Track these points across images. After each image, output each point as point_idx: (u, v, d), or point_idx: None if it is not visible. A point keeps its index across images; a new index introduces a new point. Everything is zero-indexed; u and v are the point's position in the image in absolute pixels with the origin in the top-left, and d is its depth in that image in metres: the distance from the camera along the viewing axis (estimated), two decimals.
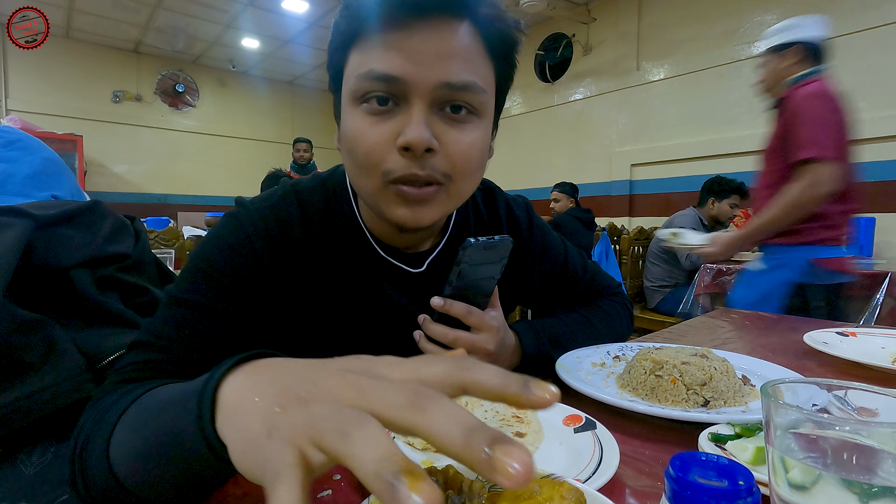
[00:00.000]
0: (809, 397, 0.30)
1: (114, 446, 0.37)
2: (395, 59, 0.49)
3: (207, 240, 0.58)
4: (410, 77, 0.49)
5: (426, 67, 0.49)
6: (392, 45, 0.49)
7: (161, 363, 0.50)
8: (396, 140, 0.50)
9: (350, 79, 0.52)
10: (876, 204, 3.28)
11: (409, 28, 0.49)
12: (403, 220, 0.54)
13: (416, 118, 0.49)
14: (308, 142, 4.90)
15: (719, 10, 4.06)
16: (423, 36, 0.49)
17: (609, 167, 4.90)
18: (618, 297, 0.86)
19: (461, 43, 0.50)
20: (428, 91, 0.49)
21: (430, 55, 0.49)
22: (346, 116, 0.54)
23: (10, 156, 0.67)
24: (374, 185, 0.53)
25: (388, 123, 0.51)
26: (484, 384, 0.22)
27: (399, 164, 0.51)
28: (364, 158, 0.52)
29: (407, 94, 0.50)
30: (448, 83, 0.50)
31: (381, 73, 0.49)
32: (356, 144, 0.52)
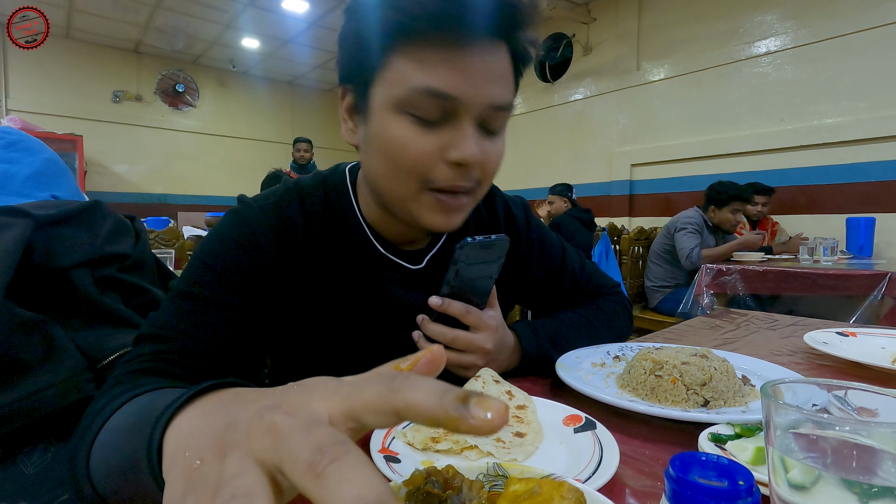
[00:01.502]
0: (809, 397, 0.30)
1: (93, 461, 0.37)
2: (454, 78, 0.50)
3: (211, 236, 0.59)
4: (466, 97, 0.50)
5: (479, 88, 0.51)
6: (451, 64, 0.49)
7: (167, 353, 0.50)
8: (443, 153, 0.52)
9: (396, 86, 0.51)
10: (876, 204, 3.28)
11: (464, 46, 0.49)
12: (438, 225, 0.56)
13: (470, 136, 0.52)
14: (308, 142, 4.91)
15: (719, 10, 4.06)
16: (476, 56, 0.50)
17: (609, 167, 4.90)
18: (617, 297, 0.86)
19: (504, 65, 0.53)
20: (478, 110, 0.52)
21: (483, 76, 0.51)
22: (382, 120, 0.53)
23: (10, 157, 0.67)
24: (409, 191, 0.55)
25: (435, 136, 0.52)
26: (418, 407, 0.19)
27: (445, 175, 0.53)
28: (408, 167, 0.53)
29: (458, 111, 0.51)
30: (494, 104, 0.52)
31: (441, 91, 0.49)
32: (400, 152, 0.52)
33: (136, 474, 0.30)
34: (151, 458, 0.27)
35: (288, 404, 0.21)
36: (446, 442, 0.46)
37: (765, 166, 3.80)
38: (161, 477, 0.27)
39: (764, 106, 3.83)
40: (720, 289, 2.44)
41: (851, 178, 3.41)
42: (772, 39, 3.77)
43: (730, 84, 4.03)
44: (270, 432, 0.19)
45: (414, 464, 0.43)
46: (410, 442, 0.46)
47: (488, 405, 0.18)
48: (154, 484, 0.28)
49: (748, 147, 3.89)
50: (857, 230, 2.88)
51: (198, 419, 0.26)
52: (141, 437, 0.29)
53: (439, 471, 0.30)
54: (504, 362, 0.67)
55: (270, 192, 0.63)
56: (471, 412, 0.18)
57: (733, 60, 3.99)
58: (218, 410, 0.25)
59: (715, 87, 4.12)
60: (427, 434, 0.47)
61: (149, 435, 0.28)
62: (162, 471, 0.27)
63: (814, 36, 3.54)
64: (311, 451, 0.17)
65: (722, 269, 2.45)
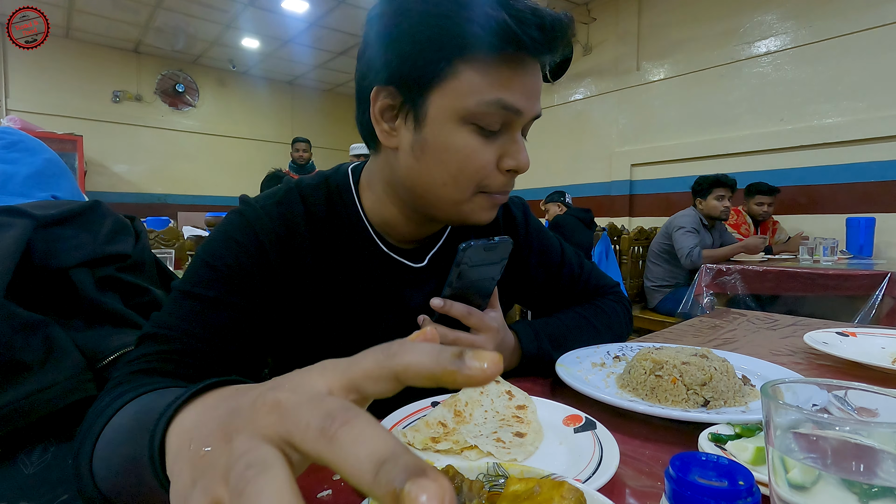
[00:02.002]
0: (809, 397, 0.30)
1: (96, 460, 0.37)
2: (522, 95, 0.54)
3: (214, 236, 0.59)
4: (525, 111, 0.55)
5: (534, 102, 0.56)
6: (519, 80, 0.53)
7: (170, 353, 0.50)
8: (500, 161, 0.57)
9: (465, 97, 0.52)
10: (876, 204, 3.28)
11: (528, 64, 0.54)
12: (484, 220, 0.61)
13: (522, 146, 0.57)
14: (307, 142, 4.90)
15: (719, 10, 4.06)
16: (533, 72, 0.55)
17: (609, 167, 4.90)
18: (616, 297, 0.86)
19: (541, 78, 0.58)
20: (528, 122, 0.58)
21: (536, 92, 0.56)
22: (444, 129, 0.54)
23: (11, 157, 0.67)
24: (465, 195, 0.58)
25: (493, 146, 0.56)
26: (415, 368, 0.20)
27: (499, 181, 0.57)
28: (471, 175, 0.56)
29: (513, 123, 0.56)
30: (537, 116, 0.58)
31: (512, 106, 0.53)
32: (464, 161, 0.55)
33: (139, 473, 0.30)
34: (153, 457, 0.27)
35: (289, 384, 0.21)
36: (446, 442, 0.46)
37: (765, 166, 3.79)
38: (164, 475, 0.27)
39: (764, 106, 3.83)
40: (720, 289, 2.44)
41: (851, 178, 3.41)
42: (772, 39, 3.77)
43: (730, 84, 4.03)
44: (275, 409, 0.19)
45: None
46: (410, 442, 0.46)
47: (483, 356, 0.19)
48: (157, 482, 0.28)
49: (748, 147, 3.89)
50: (857, 230, 2.88)
51: (200, 414, 0.26)
52: (143, 435, 0.29)
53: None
54: (504, 363, 0.67)
55: (272, 192, 0.64)
56: (466, 364, 0.19)
57: (733, 60, 3.99)
58: (220, 403, 0.25)
59: (715, 87, 4.11)
60: (427, 434, 0.47)
61: (150, 433, 0.28)
62: (165, 469, 0.27)
63: (814, 36, 3.54)
64: (321, 417, 0.18)
65: (722, 269, 2.45)
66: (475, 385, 0.19)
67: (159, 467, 0.27)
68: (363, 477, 0.16)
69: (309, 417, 0.18)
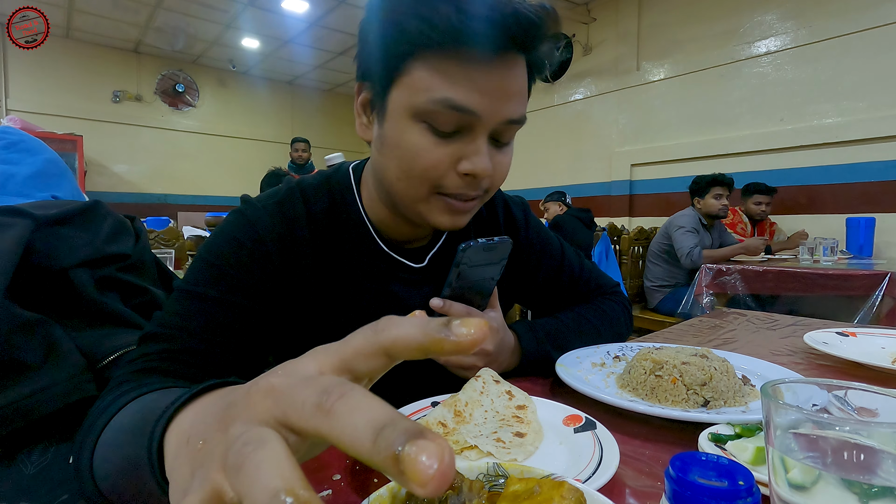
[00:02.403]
0: (809, 397, 0.30)
1: (97, 460, 0.37)
2: (475, 94, 0.50)
3: (215, 235, 0.59)
4: (484, 112, 0.51)
5: (497, 104, 0.52)
6: (473, 79, 0.50)
7: (171, 353, 0.50)
8: (456, 163, 0.54)
9: (416, 94, 0.51)
10: (876, 204, 3.28)
11: (486, 62, 0.50)
12: (444, 225, 0.58)
13: (482, 150, 0.53)
14: (306, 142, 4.91)
15: (719, 10, 4.06)
16: (498, 73, 0.51)
17: (609, 167, 4.90)
18: (616, 297, 0.86)
19: (522, 80, 0.54)
20: (493, 125, 0.53)
21: (502, 93, 0.52)
22: (399, 125, 0.53)
23: (11, 157, 0.67)
24: (420, 194, 0.56)
25: (450, 147, 0.53)
26: (403, 341, 0.20)
27: (455, 183, 0.54)
28: (420, 174, 0.54)
29: (474, 124, 0.52)
30: (510, 120, 0.54)
31: (462, 105, 0.50)
32: (414, 160, 0.53)
33: (138, 474, 0.30)
34: (152, 459, 0.27)
35: (282, 370, 0.21)
36: None
37: (765, 166, 3.79)
38: (162, 477, 0.27)
39: (764, 106, 3.83)
40: (720, 289, 2.44)
41: (851, 178, 3.41)
42: (772, 39, 3.77)
43: (730, 84, 4.03)
44: (270, 393, 0.19)
45: None
46: None
47: (469, 323, 0.20)
48: (155, 483, 0.28)
49: (748, 147, 3.89)
50: (857, 230, 2.88)
51: (197, 413, 0.26)
52: (143, 436, 0.29)
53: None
54: (504, 363, 0.67)
55: (274, 191, 0.64)
56: (453, 331, 0.19)
57: (733, 60, 3.99)
58: (216, 400, 0.25)
59: (715, 87, 4.12)
60: None
61: (149, 434, 0.28)
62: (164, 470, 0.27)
63: (814, 36, 3.54)
64: (317, 394, 0.18)
65: (722, 269, 2.45)
66: (462, 352, 0.19)
67: (157, 469, 0.27)
68: (362, 445, 0.16)
69: (304, 396, 0.18)
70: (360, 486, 0.41)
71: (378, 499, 0.28)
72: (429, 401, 0.56)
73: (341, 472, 0.43)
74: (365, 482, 0.42)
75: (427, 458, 0.15)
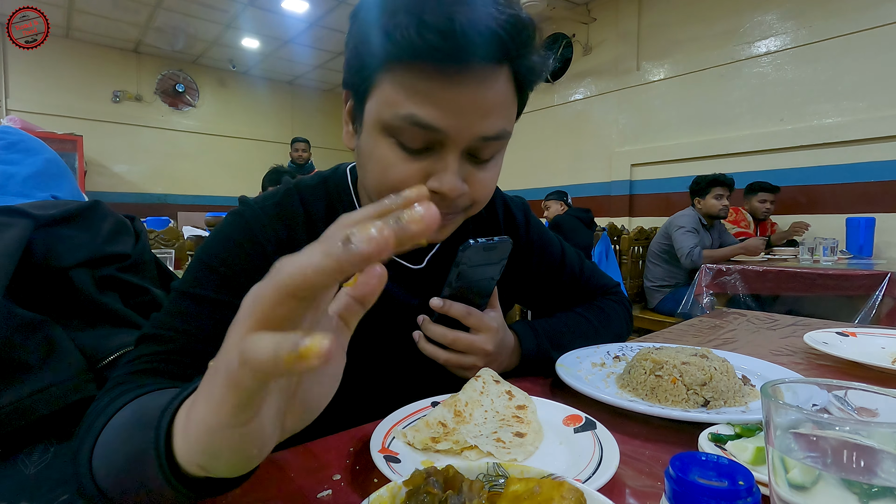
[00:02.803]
0: (809, 397, 0.30)
1: (96, 459, 0.38)
2: (440, 111, 0.47)
3: (213, 236, 0.59)
4: (452, 130, 0.48)
5: (468, 121, 0.48)
6: (438, 95, 0.47)
7: (169, 354, 0.50)
8: (426, 179, 0.51)
9: (383, 109, 0.49)
10: (876, 204, 3.28)
11: (455, 77, 0.46)
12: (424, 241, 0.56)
13: (451, 168, 0.50)
14: (306, 142, 4.91)
15: (719, 10, 4.06)
16: (468, 88, 0.47)
17: (609, 167, 4.90)
18: (616, 297, 0.86)
19: (500, 93, 0.50)
20: (465, 143, 0.50)
21: (472, 109, 0.48)
22: (371, 138, 0.52)
23: (11, 158, 0.67)
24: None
25: (419, 163, 0.51)
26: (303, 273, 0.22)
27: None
28: (390, 188, 0.51)
29: (444, 141, 0.49)
30: (484, 136, 0.50)
31: (426, 122, 0.47)
32: (383, 175, 0.51)
33: (142, 469, 0.31)
34: (159, 449, 0.28)
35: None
36: (446, 442, 0.46)
37: (765, 166, 3.79)
38: (170, 466, 0.28)
39: (764, 106, 3.83)
40: (720, 289, 2.44)
41: (851, 178, 3.41)
42: (772, 39, 3.77)
43: (730, 84, 4.03)
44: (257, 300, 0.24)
45: (414, 464, 0.43)
46: (410, 442, 0.46)
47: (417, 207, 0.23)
48: (161, 476, 0.28)
49: (748, 147, 3.89)
50: (857, 230, 2.88)
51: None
52: (147, 431, 0.29)
53: (439, 471, 0.30)
54: (504, 363, 0.67)
55: (272, 192, 0.64)
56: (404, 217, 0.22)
57: (733, 60, 3.99)
58: None
59: (715, 87, 4.12)
60: (427, 434, 0.47)
61: (155, 427, 0.28)
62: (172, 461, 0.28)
63: (814, 36, 3.54)
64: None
65: (722, 269, 2.45)
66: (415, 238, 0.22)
67: (164, 459, 0.27)
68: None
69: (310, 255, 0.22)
70: (360, 486, 0.41)
71: (378, 499, 0.28)
72: (429, 401, 0.56)
73: (341, 472, 0.43)
74: (365, 482, 0.42)
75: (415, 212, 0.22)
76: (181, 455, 0.28)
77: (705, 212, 2.96)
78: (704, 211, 2.96)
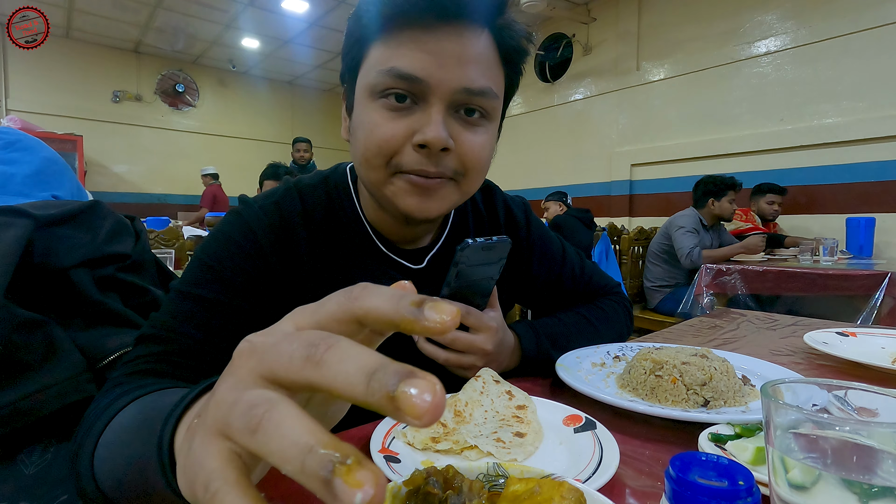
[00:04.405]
0: (809, 397, 0.30)
1: (98, 459, 0.37)
2: (419, 60, 0.50)
3: (212, 236, 0.59)
4: (433, 79, 0.50)
5: (448, 71, 0.51)
6: (417, 46, 0.50)
7: (168, 355, 0.50)
8: (412, 137, 0.52)
9: (370, 72, 0.52)
10: (876, 204, 3.28)
11: (434, 30, 0.50)
12: (411, 209, 0.56)
13: (434, 119, 0.51)
14: (308, 142, 4.90)
15: (719, 10, 4.06)
16: (447, 40, 0.50)
17: (609, 167, 4.90)
18: (617, 297, 0.86)
19: (480, 50, 0.53)
20: (448, 94, 0.52)
21: (453, 59, 0.51)
22: (360, 108, 0.55)
23: (10, 157, 0.67)
24: (383, 176, 0.55)
25: (405, 120, 0.52)
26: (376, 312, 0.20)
27: (412, 158, 0.53)
28: (376, 150, 0.53)
29: (427, 94, 0.52)
30: (467, 88, 0.52)
31: (405, 72, 0.50)
32: (370, 136, 0.53)
33: (144, 472, 0.31)
34: (162, 455, 0.27)
35: (261, 333, 0.21)
36: (446, 442, 0.46)
37: (765, 166, 3.80)
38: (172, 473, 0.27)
39: (764, 106, 3.83)
40: (720, 289, 2.44)
41: (851, 178, 3.41)
42: (772, 39, 3.77)
43: (730, 84, 4.03)
44: (252, 353, 0.20)
45: (414, 464, 0.43)
46: (410, 442, 0.46)
47: (442, 308, 0.19)
48: (163, 480, 0.28)
49: (748, 147, 3.89)
50: (857, 230, 2.88)
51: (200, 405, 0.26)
52: (150, 434, 0.29)
53: (439, 471, 0.30)
54: (504, 362, 0.67)
55: (271, 191, 0.64)
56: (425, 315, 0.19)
57: (733, 60, 3.99)
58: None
59: (715, 87, 4.12)
60: (427, 434, 0.47)
61: (159, 432, 0.28)
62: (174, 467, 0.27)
63: (814, 36, 3.54)
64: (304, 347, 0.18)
65: (722, 269, 2.45)
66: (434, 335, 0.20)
67: (169, 468, 0.27)
68: (356, 389, 0.17)
69: (291, 350, 0.18)
70: None
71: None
72: None
73: None
74: None
75: (420, 393, 0.16)
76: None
77: (717, 213, 2.93)
78: (717, 213, 2.93)
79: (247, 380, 0.19)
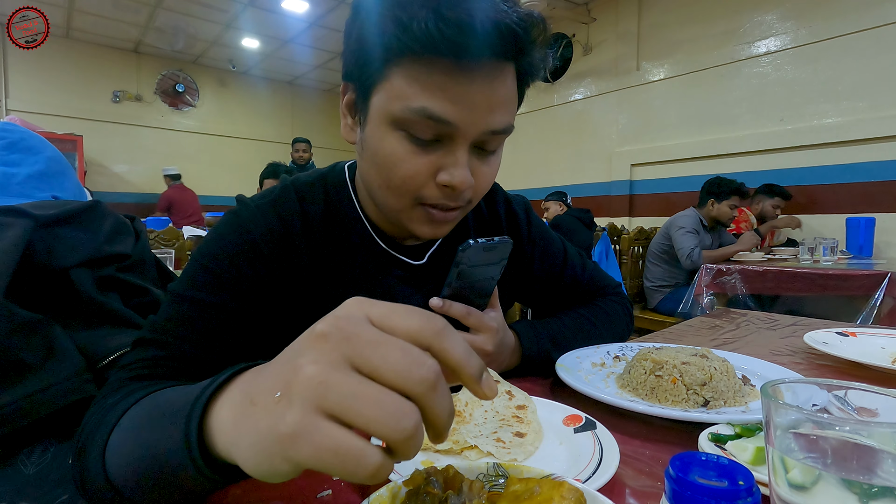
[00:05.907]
0: (809, 397, 0.30)
1: (110, 452, 0.37)
2: (453, 105, 0.48)
3: (210, 238, 0.58)
4: (462, 123, 0.49)
5: (477, 116, 0.50)
6: (451, 89, 0.48)
7: (166, 359, 0.50)
8: (436, 174, 0.52)
9: (393, 102, 0.49)
10: (876, 204, 3.28)
11: (468, 73, 0.47)
12: (425, 234, 0.58)
13: (461, 161, 0.51)
14: (307, 142, 4.90)
15: (719, 10, 4.06)
16: (478, 83, 0.48)
17: (609, 167, 4.90)
18: (617, 297, 0.86)
19: (508, 89, 0.52)
20: (474, 136, 0.51)
21: (483, 104, 0.49)
22: (378, 131, 0.52)
23: (12, 158, 0.67)
24: (401, 205, 0.55)
25: (429, 156, 0.52)
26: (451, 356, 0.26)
27: (435, 194, 0.53)
28: (400, 183, 0.53)
29: (454, 135, 0.50)
30: (492, 130, 0.52)
31: (437, 116, 0.48)
32: (392, 169, 0.52)
33: (163, 464, 0.31)
34: (190, 440, 0.28)
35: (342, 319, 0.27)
36: (446, 442, 0.46)
37: (765, 166, 3.79)
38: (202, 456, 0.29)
39: (764, 106, 3.83)
40: (720, 289, 2.44)
41: (851, 178, 3.41)
42: (772, 39, 3.77)
43: (730, 84, 4.03)
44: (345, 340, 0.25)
45: (414, 464, 0.43)
46: None
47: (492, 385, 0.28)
48: (192, 468, 0.29)
49: (748, 147, 3.89)
50: (857, 230, 2.88)
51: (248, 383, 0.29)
52: (176, 421, 0.30)
53: (439, 471, 0.30)
54: (504, 362, 0.67)
55: (269, 191, 0.63)
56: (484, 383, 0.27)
57: (733, 60, 3.99)
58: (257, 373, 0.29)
59: (715, 87, 4.12)
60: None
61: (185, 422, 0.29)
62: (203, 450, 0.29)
63: (814, 36, 3.54)
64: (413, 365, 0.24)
65: (722, 269, 2.45)
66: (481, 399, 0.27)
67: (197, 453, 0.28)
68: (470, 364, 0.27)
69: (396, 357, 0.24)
70: (360, 485, 0.41)
71: (378, 499, 0.28)
72: None
73: None
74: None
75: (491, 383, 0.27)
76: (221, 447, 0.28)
77: (714, 215, 2.92)
78: (714, 215, 2.92)
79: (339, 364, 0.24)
